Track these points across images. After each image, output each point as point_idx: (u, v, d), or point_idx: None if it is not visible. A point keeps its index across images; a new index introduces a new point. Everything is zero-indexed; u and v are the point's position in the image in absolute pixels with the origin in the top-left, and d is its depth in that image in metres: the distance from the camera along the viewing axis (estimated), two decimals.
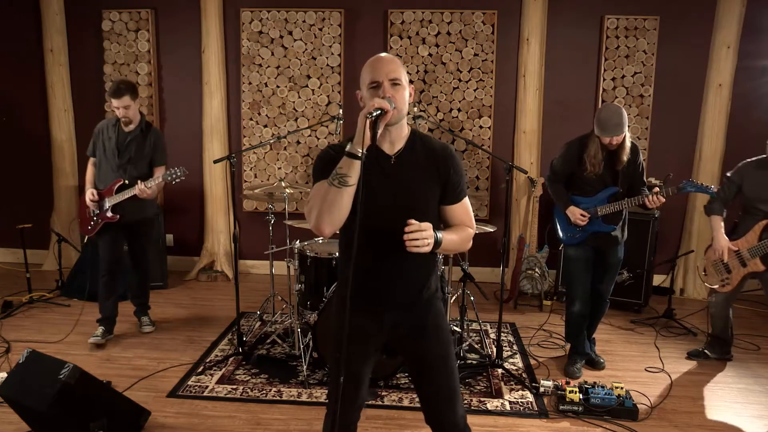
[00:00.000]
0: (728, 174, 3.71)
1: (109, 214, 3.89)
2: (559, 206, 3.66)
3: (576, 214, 3.51)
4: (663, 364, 3.86)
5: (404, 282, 1.96)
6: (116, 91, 3.76)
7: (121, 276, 4.12)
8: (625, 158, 3.42)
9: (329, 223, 1.82)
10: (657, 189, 3.37)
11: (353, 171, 1.76)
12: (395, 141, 1.92)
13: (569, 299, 3.72)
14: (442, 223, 1.99)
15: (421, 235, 1.76)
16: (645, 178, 3.61)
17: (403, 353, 2.10)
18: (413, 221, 1.76)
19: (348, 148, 1.76)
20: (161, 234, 5.25)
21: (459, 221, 1.97)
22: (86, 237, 4.06)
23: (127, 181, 3.87)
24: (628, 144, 3.42)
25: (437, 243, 1.83)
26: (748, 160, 3.65)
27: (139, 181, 3.77)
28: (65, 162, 5.61)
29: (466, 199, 2.00)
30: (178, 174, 3.82)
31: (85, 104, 5.60)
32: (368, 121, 1.72)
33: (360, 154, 1.74)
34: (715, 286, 3.74)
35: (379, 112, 1.74)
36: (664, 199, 3.36)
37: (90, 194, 3.91)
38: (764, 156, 3.59)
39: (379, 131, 1.75)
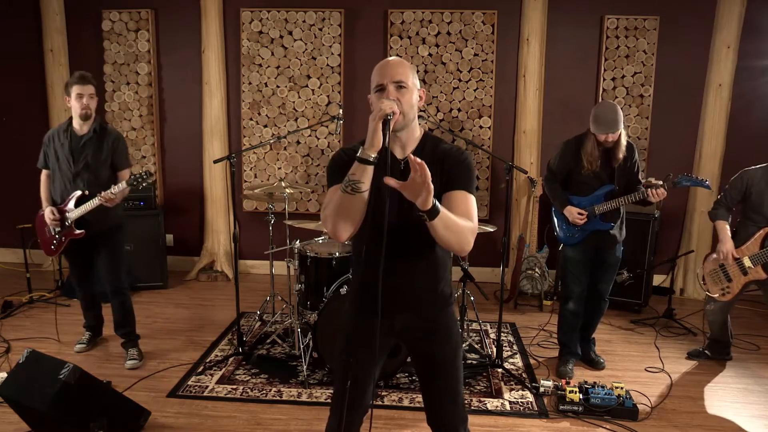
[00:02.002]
0: (731, 180, 3.67)
1: (76, 231, 3.57)
2: (555, 206, 3.67)
3: (573, 213, 3.51)
4: (663, 364, 3.86)
5: (414, 286, 1.94)
6: (82, 78, 3.49)
7: (101, 282, 3.81)
8: (620, 156, 3.42)
9: (345, 229, 1.80)
10: (660, 183, 3.35)
11: (365, 176, 1.74)
12: (406, 144, 1.90)
13: (564, 298, 3.73)
14: None
15: (422, 175, 1.59)
16: (641, 176, 3.59)
17: (411, 354, 2.09)
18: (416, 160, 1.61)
19: (359, 153, 1.74)
20: (162, 234, 5.24)
21: (459, 211, 1.81)
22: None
23: (87, 192, 3.53)
24: (624, 142, 3.42)
25: (435, 209, 1.67)
26: (752, 167, 3.60)
27: (101, 192, 3.44)
28: None
29: (471, 197, 1.86)
30: (144, 177, 3.48)
31: None
32: (379, 124, 1.70)
33: (372, 159, 1.72)
34: (716, 295, 3.68)
35: (392, 114, 1.72)
36: (665, 192, 3.34)
37: (50, 213, 3.55)
38: None
39: (389, 134, 1.72)
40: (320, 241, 3.94)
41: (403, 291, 1.93)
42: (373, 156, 1.72)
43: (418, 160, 1.60)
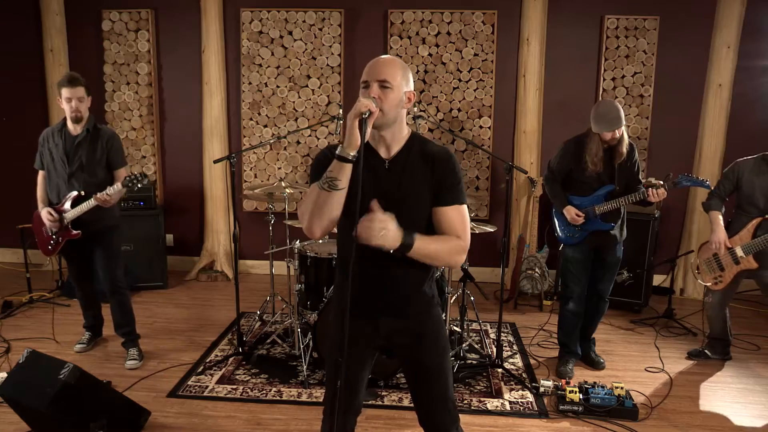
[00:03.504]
0: (724, 171, 3.75)
1: (73, 231, 3.56)
2: (555, 205, 3.66)
3: (572, 213, 3.51)
4: (663, 364, 3.86)
5: (397, 288, 1.93)
6: (71, 80, 3.44)
7: (101, 282, 3.81)
8: (624, 150, 3.41)
9: (319, 226, 1.81)
10: (660, 183, 3.35)
11: (343, 174, 1.74)
12: (392, 145, 1.88)
13: (564, 298, 3.72)
14: (435, 229, 1.90)
15: (370, 224, 1.68)
16: (641, 176, 3.60)
17: (400, 358, 2.08)
18: (377, 215, 1.69)
19: (338, 150, 1.74)
20: (162, 234, 5.24)
21: (448, 227, 1.86)
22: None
23: (83, 192, 3.52)
24: (626, 137, 3.42)
25: (406, 245, 1.74)
26: (744, 158, 3.67)
27: (97, 193, 3.43)
28: None
29: (463, 208, 1.88)
30: (139, 179, 3.46)
31: None
32: (355, 122, 1.69)
33: (350, 157, 1.72)
34: (708, 284, 3.75)
35: (368, 113, 1.71)
36: (666, 193, 3.34)
37: (47, 213, 3.53)
38: (760, 154, 3.61)
39: (367, 133, 1.71)
40: (320, 241, 3.94)
41: (388, 291, 1.92)
42: (351, 154, 1.72)
43: (374, 208, 1.70)
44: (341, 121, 4.48)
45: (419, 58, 5.25)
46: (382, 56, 1.89)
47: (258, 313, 4.50)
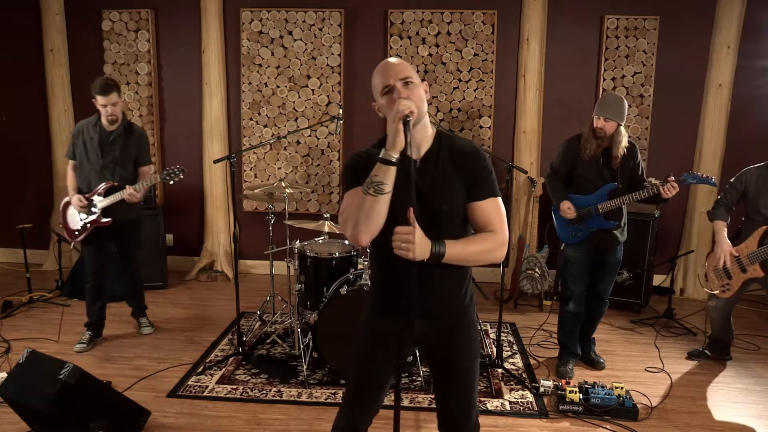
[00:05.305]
0: (731, 180, 3.71)
1: (103, 219, 3.80)
2: (553, 201, 3.66)
3: (564, 207, 3.51)
4: (663, 364, 3.86)
5: (435, 290, 1.90)
6: (104, 88, 3.65)
7: (109, 280, 4.08)
8: (618, 154, 3.42)
9: (367, 233, 1.76)
10: (671, 178, 3.32)
11: (388, 177, 1.72)
12: (421, 143, 1.87)
13: (564, 299, 3.72)
14: (470, 225, 1.90)
15: (399, 238, 1.68)
16: (645, 176, 3.61)
17: (429, 359, 2.06)
18: (399, 228, 1.69)
19: (381, 154, 1.72)
20: (162, 234, 5.24)
21: (484, 222, 1.84)
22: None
23: (116, 183, 3.78)
24: (624, 143, 3.42)
25: (437, 254, 1.74)
26: (751, 166, 3.65)
27: (127, 186, 3.70)
28: (65, 162, 5.60)
29: (498, 200, 1.86)
30: (176, 173, 3.73)
31: (85, 104, 5.56)
32: (400, 125, 1.69)
33: (394, 160, 1.70)
34: (716, 292, 3.72)
35: (411, 114, 1.70)
36: (678, 188, 3.31)
37: (77, 200, 3.78)
38: (765, 162, 3.59)
39: (410, 135, 1.71)
40: (320, 241, 3.94)
41: (427, 294, 1.87)
42: (395, 157, 1.71)
43: (410, 218, 1.67)
44: (341, 121, 4.48)
45: (419, 58, 5.25)
46: (388, 59, 1.88)
47: (258, 313, 4.50)
